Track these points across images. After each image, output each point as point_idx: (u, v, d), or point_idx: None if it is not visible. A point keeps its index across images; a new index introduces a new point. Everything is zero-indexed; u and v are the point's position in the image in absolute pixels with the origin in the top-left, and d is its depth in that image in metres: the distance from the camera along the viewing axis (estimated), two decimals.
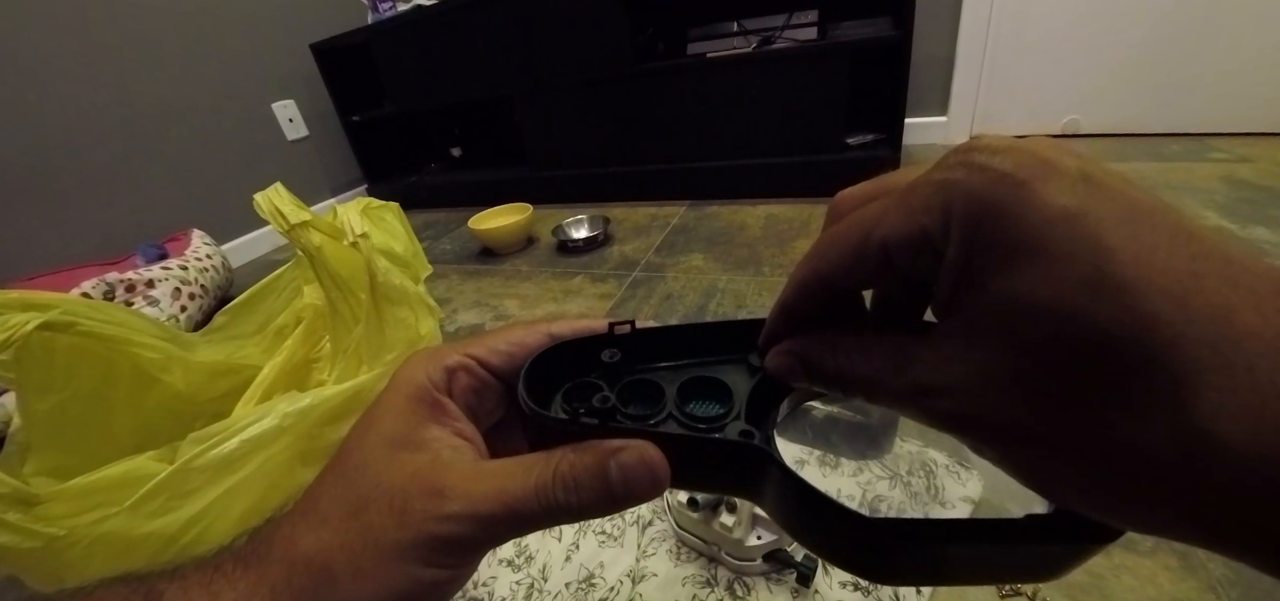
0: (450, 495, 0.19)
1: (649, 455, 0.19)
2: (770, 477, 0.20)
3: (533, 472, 0.20)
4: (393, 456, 0.21)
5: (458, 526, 0.19)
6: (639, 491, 0.20)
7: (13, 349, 0.46)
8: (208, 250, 1.55)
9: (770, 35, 1.56)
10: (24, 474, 0.52)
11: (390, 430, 0.21)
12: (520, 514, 0.19)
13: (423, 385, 0.22)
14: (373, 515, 0.19)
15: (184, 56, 1.85)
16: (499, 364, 0.24)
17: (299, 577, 0.19)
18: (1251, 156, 1.39)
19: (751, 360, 0.24)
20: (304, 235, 0.49)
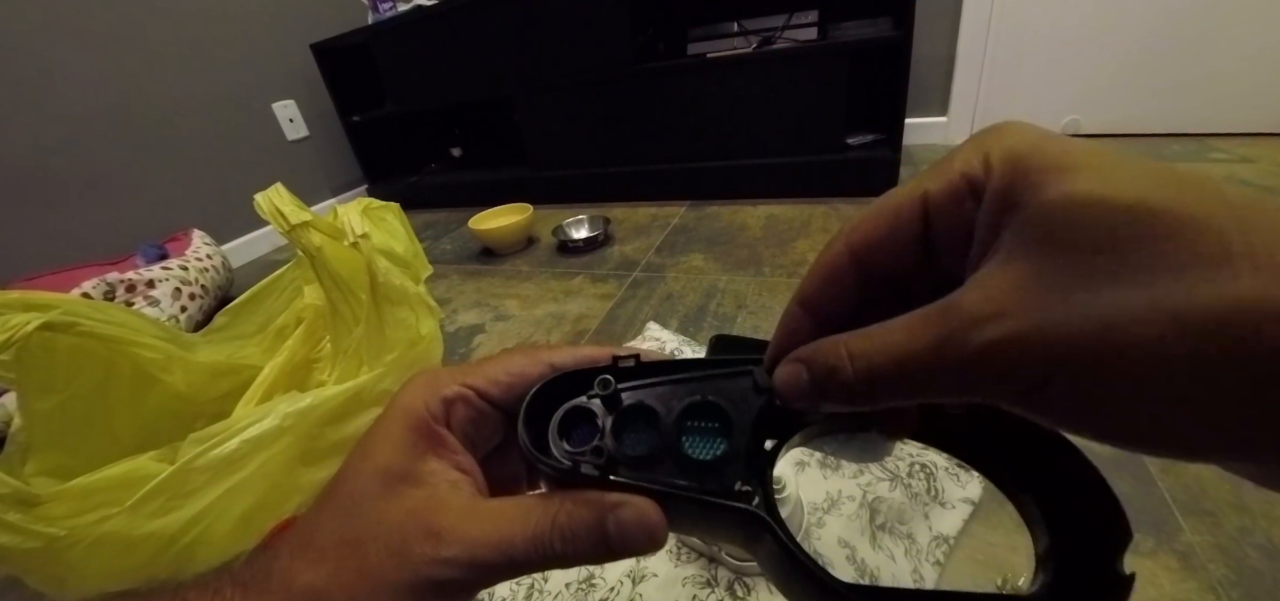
0: (448, 538, 0.19)
1: (648, 515, 0.19)
2: (764, 539, 0.20)
3: (531, 520, 0.20)
4: (390, 491, 0.21)
5: (454, 571, 0.19)
6: (635, 548, 0.20)
7: (14, 349, 0.46)
8: (208, 250, 1.55)
9: (770, 35, 1.56)
10: (25, 474, 0.52)
11: (387, 461, 0.21)
12: (516, 560, 0.19)
13: (421, 415, 0.22)
14: (370, 553, 0.19)
15: (184, 57, 1.85)
16: (498, 395, 0.23)
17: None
18: (1253, 157, 1.39)
19: (756, 376, 0.22)
20: (304, 235, 0.49)
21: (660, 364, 0.24)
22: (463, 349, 1.11)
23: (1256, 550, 0.53)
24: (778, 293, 1.10)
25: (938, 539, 0.56)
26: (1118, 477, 0.61)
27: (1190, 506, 0.57)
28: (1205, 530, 0.55)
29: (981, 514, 0.59)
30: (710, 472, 0.21)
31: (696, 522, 0.22)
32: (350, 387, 0.52)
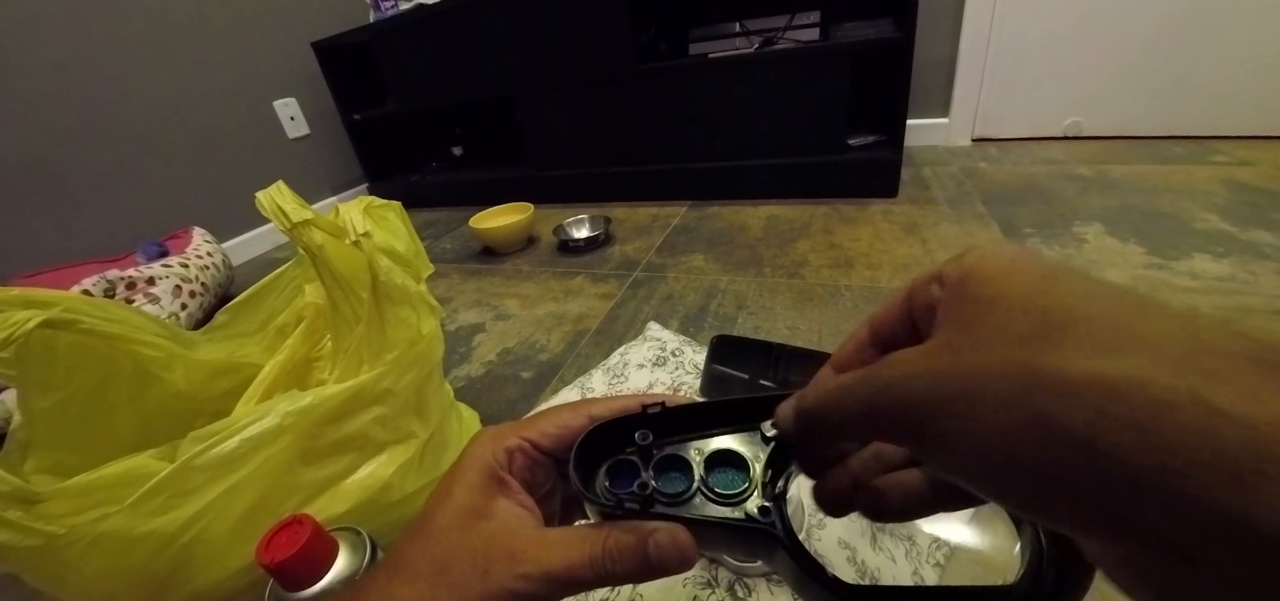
0: (524, 558, 0.24)
1: (680, 538, 0.24)
2: (780, 553, 0.25)
3: (588, 545, 0.24)
4: (470, 523, 0.25)
5: (530, 585, 0.23)
6: (671, 566, 0.24)
7: (14, 347, 0.46)
8: (208, 248, 1.55)
9: (772, 36, 1.56)
10: (24, 472, 0.52)
11: (465, 501, 0.26)
12: (578, 577, 0.24)
13: (490, 464, 0.27)
14: (458, 572, 0.23)
15: (185, 54, 1.85)
16: (549, 445, 0.28)
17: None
18: (1253, 160, 1.39)
19: (764, 429, 0.27)
20: (306, 234, 0.49)
21: (686, 409, 0.29)
22: (463, 348, 1.11)
23: None
24: (778, 293, 1.10)
25: (937, 541, 0.56)
26: None
27: None
28: None
29: (981, 516, 0.59)
30: (733, 502, 0.26)
31: (723, 543, 0.28)
32: (351, 386, 0.52)
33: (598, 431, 0.28)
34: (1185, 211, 1.17)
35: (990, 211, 1.31)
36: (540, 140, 1.96)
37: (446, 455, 0.66)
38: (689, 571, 0.26)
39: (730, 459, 0.28)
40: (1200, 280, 0.93)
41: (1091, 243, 1.10)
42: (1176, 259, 1.00)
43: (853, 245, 1.25)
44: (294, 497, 0.51)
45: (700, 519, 0.25)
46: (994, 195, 1.40)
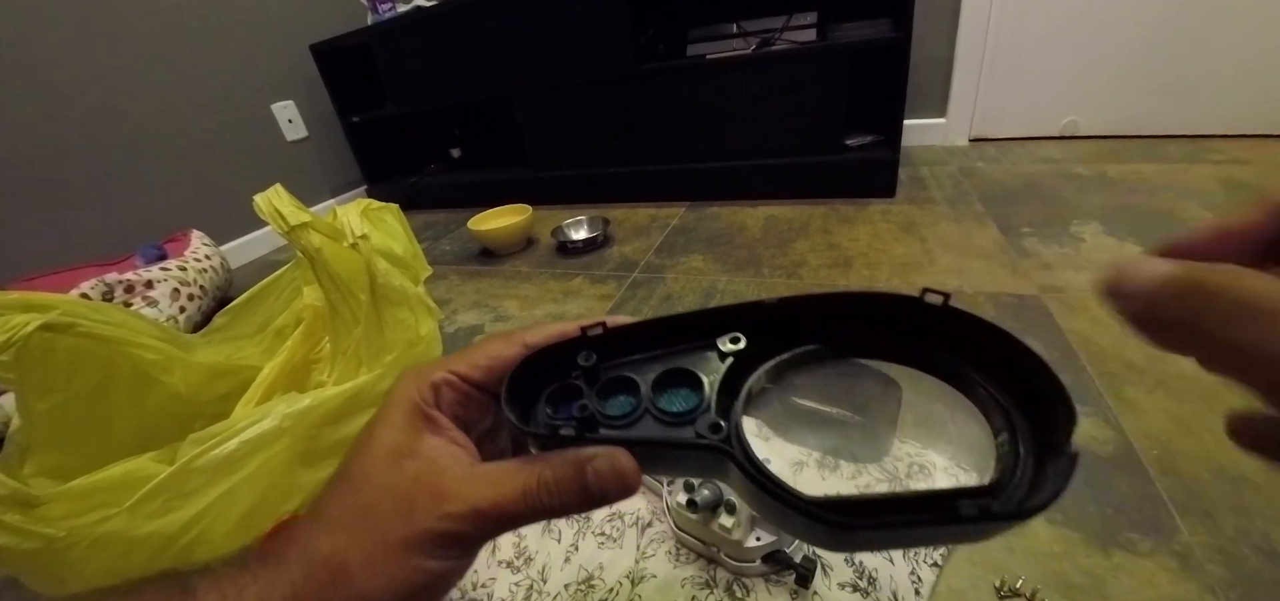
0: (450, 496, 0.22)
1: (620, 462, 0.22)
2: (732, 468, 0.22)
3: (520, 478, 0.22)
4: (395, 465, 0.23)
5: (458, 524, 0.22)
6: (611, 491, 0.22)
7: (13, 350, 0.46)
8: (207, 251, 1.55)
9: (770, 36, 1.56)
10: (24, 475, 0.52)
11: (390, 442, 0.24)
12: (511, 513, 0.22)
13: (415, 401, 0.25)
14: (381, 517, 0.22)
15: (183, 57, 1.85)
16: (480, 377, 0.26)
17: (317, 574, 0.21)
18: (1249, 159, 1.39)
19: (720, 346, 0.26)
20: (304, 236, 0.49)
21: (632, 328, 0.27)
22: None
23: (1254, 551, 0.53)
24: (777, 293, 1.09)
25: None
26: (1115, 478, 0.61)
27: (1188, 506, 0.58)
28: (1203, 531, 0.55)
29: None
30: (683, 423, 0.24)
31: (671, 464, 0.25)
32: (349, 388, 0.52)
33: (535, 358, 0.26)
34: (1182, 210, 1.17)
35: (988, 211, 1.31)
36: (539, 142, 1.96)
37: None
38: (634, 493, 0.23)
39: (682, 378, 0.25)
40: None
41: (1089, 242, 1.11)
42: None
43: (851, 245, 1.25)
44: (293, 499, 0.51)
45: (644, 439, 0.24)
46: (992, 194, 1.41)
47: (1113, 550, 0.55)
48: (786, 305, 0.27)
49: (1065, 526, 0.57)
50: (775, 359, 0.27)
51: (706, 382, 0.25)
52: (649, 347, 0.27)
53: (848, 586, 0.50)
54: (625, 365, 0.26)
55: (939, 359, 0.25)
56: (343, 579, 0.21)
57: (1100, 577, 0.53)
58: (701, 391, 0.25)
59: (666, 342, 0.27)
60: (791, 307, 0.27)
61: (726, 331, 0.26)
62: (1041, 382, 0.22)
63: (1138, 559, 0.54)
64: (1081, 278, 0.98)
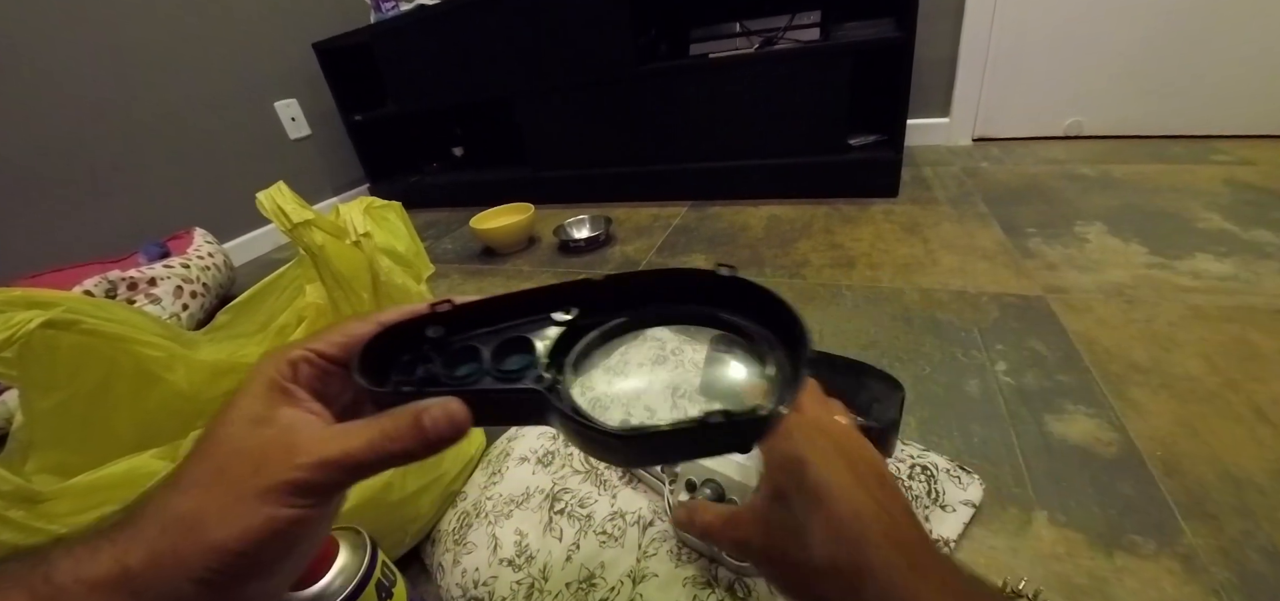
0: (301, 451, 0.23)
1: (450, 408, 0.25)
2: (552, 411, 0.26)
3: (367, 431, 0.24)
4: (250, 430, 0.24)
5: (309, 473, 0.23)
6: (444, 434, 0.25)
7: (16, 347, 0.46)
8: (210, 248, 1.55)
9: (773, 36, 1.56)
10: (26, 472, 0.52)
11: (247, 411, 0.25)
12: (359, 460, 0.24)
13: (272, 376, 0.26)
14: (235, 472, 0.23)
15: (186, 55, 1.85)
16: (336, 353, 0.28)
17: (172, 530, 0.22)
18: (1254, 159, 1.38)
19: (554, 316, 0.30)
20: (307, 234, 0.49)
21: (478, 305, 0.30)
22: None
23: (1259, 553, 0.53)
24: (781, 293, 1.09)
25: (939, 541, 0.56)
26: (1119, 480, 0.61)
27: (1192, 509, 0.57)
28: (1207, 533, 0.55)
29: (982, 517, 0.59)
30: (516, 379, 0.28)
31: (500, 411, 0.28)
32: None
33: (389, 334, 0.29)
34: (1187, 211, 1.17)
35: (992, 211, 1.31)
36: (541, 141, 1.96)
37: (447, 454, 0.66)
38: (464, 436, 0.26)
39: (519, 345, 0.29)
40: (1202, 280, 0.93)
41: (1093, 242, 1.10)
42: (1178, 258, 1.00)
43: (854, 245, 1.25)
44: None
45: (473, 390, 0.27)
46: (995, 195, 1.40)
47: (1116, 552, 0.55)
48: (613, 282, 0.31)
49: (1069, 528, 0.57)
50: (600, 328, 0.31)
51: (539, 347, 0.29)
52: (494, 322, 0.31)
53: None
54: (473, 338, 0.30)
55: (728, 319, 0.31)
56: (197, 530, 0.22)
57: (1104, 579, 0.52)
58: (534, 354, 0.29)
59: (510, 317, 0.31)
60: (616, 284, 0.31)
61: (562, 306, 0.30)
62: (791, 323, 0.27)
63: (1141, 561, 0.53)
64: (1086, 279, 0.98)
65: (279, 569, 0.25)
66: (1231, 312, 0.84)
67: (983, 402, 0.75)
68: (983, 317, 0.92)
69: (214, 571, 0.22)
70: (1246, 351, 0.77)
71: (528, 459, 0.67)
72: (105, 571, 0.21)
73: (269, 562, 0.23)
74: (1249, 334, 0.80)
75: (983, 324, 0.90)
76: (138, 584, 0.21)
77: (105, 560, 0.22)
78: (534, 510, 0.61)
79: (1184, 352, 0.78)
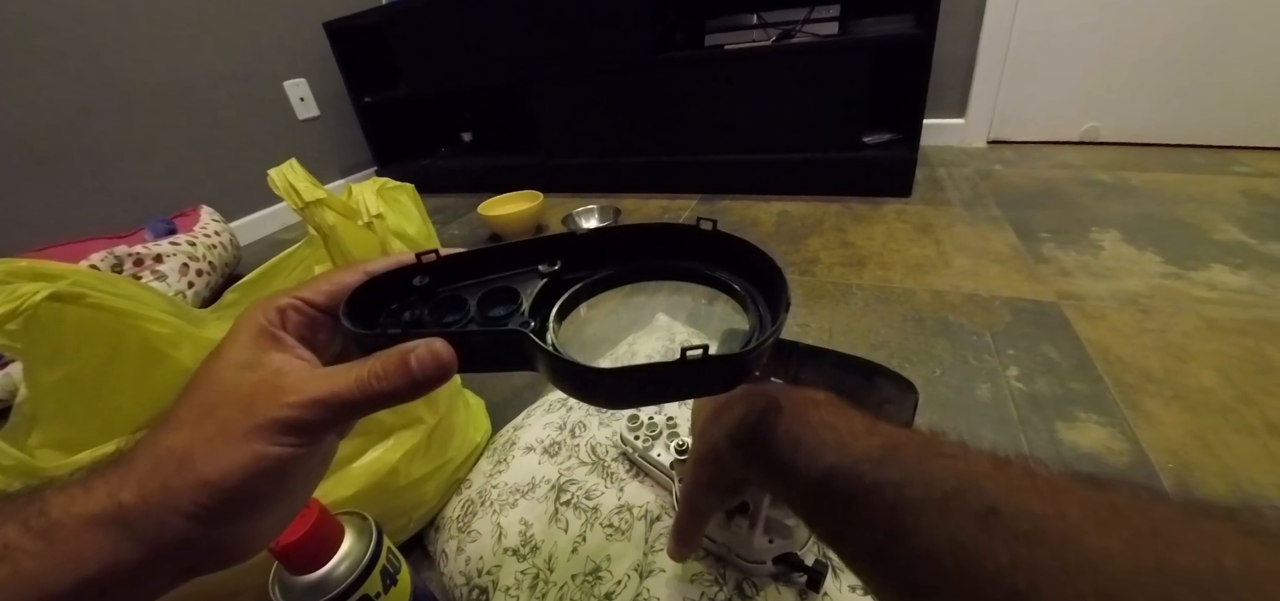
0: (289, 391, 0.24)
1: (435, 347, 0.25)
2: (537, 353, 0.27)
3: (354, 371, 0.25)
4: (239, 373, 0.25)
5: (297, 411, 0.23)
6: (431, 374, 0.25)
7: (21, 318, 0.46)
8: (216, 227, 1.55)
9: (790, 29, 1.55)
10: (29, 446, 0.51)
11: (235, 357, 0.25)
12: (347, 399, 0.24)
13: (261, 323, 0.27)
14: (223, 412, 0.24)
15: (196, 32, 1.84)
16: (324, 301, 0.28)
17: (162, 466, 0.23)
18: (1275, 172, 1.37)
19: (540, 268, 0.31)
20: (318, 213, 0.49)
21: (464, 256, 0.31)
22: None
23: None
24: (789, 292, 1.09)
25: None
26: None
27: None
28: None
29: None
30: (502, 322, 0.29)
31: (486, 355, 0.29)
32: None
33: (376, 282, 0.29)
34: (1205, 221, 1.15)
35: (1005, 214, 1.29)
36: (552, 128, 1.95)
37: (452, 441, 0.66)
38: (450, 377, 0.27)
39: (505, 295, 0.30)
40: (1218, 291, 0.92)
41: (1108, 249, 1.09)
42: (1194, 269, 0.98)
43: (865, 244, 1.24)
44: None
45: (458, 331, 0.28)
46: (1009, 198, 1.39)
47: None
48: (595, 236, 0.32)
49: None
50: (585, 280, 0.32)
51: (523, 295, 0.30)
52: (480, 274, 0.31)
53: (858, 588, 0.49)
54: (459, 288, 0.31)
55: (710, 272, 0.32)
56: (186, 465, 0.22)
57: None
58: (519, 303, 0.29)
59: (496, 269, 0.31)
60: (600, 238, 0.32)
61: (546, 259, 0.31)
62: (770, 272, 0.29)
63: None
64: (1100, 286, 0.97)
65: (269, 508, 0.25)
66: (1247, 326, 0.83)
67: (994, 407, 0.74)
68: (995, 321, 0.91)
69: (202, 506, 0.22)
70: (1261, 365, 0.76)
71: (534, 448, 0.66)
72: (99, 506, 0.22)
73: (257, 500, 0.24)
74: (1264, 348, 0.78)
75: (995, 328, 0.89)
76: (130, 517, 0.22)
77: (99, 495, 0.22)
78: (540, 500, 0.60)
79: (1198, 364, 0.77)
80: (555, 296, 0.31)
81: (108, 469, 0.23)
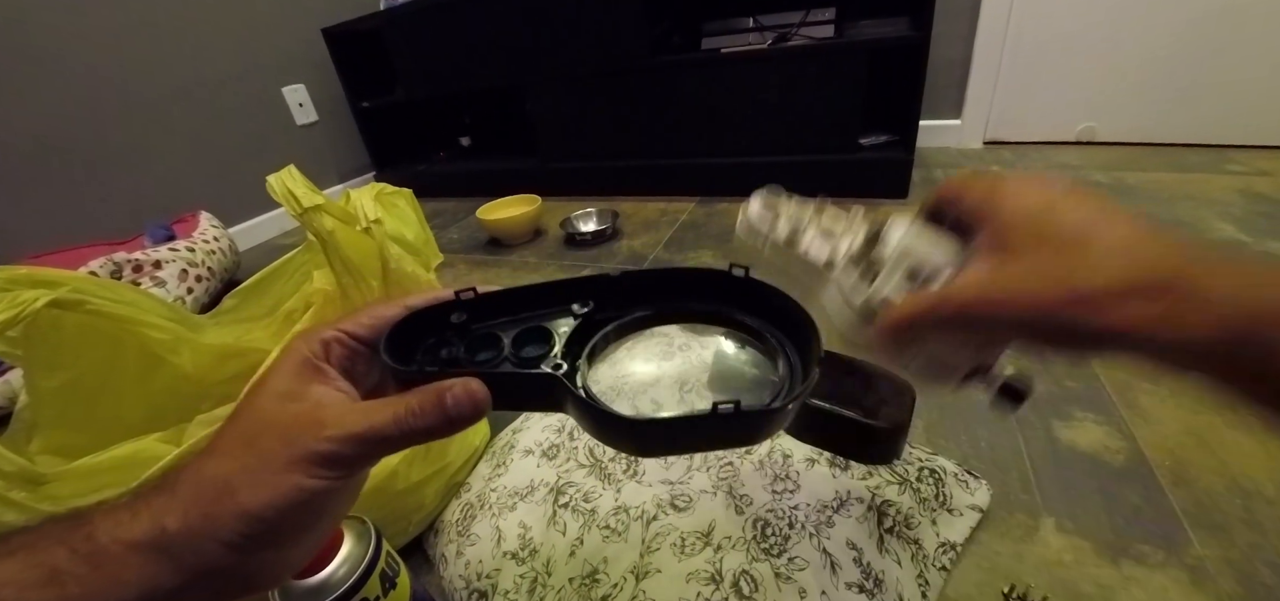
0: (329, 424, 0.24)
1: (471, 387, 0.26)
2: (568, 397, 0.27)
3: (392, 407, 0.25)
4: (282, 404, 0.25)
5: (336, 445, 0.24)
6: (466, 413, 0.26)
7: (21, 325, 0.46)
8: (215, 232, 1.55)
9: (786, 32, 1.55)
10: (30, 452, 0.52)
11: (279, 387, 0.26)
12: (384, 435, 0.25)
13: (305, 355, 0.27)
14: (265, 443, 0.24)
15: (195, 38, 1.84)
16: (365, 334, 0.29)
17: (205, 494, 0.23)
18: (1270, 170, 1.37)
19: (573, 308, 0.31)
20: (316, 219, 0.49)
21: (501, 294, 0.32)
22: None
23: (1267, 566, 0.52)
24: None
25: (945, 545, 0.56)
26: (1126, 489, 0.61)
27: (1200, 520, 0.57)
28: (1216, 544, 0.55)
29: (989, 521, 0.59)
30: (533, 365, 0.29)
31: (518, 395, 0.29)
32: None
33: (415, 317, 0.30)
34: (1201, 220, 1.16)
35: None
36: (550, 132, 1.95)
37: (451, 445, 0.66)
38: (484, 416, 0.27)
39: (538, 335, 0.31)
40: None
41: None
42: None
43: None
44: None
45: (492, 372, 0.28)
46: None
47: (1124, 561, 0.54)
48: (628, 278, 0.33)
49: (1077, 536, 0.57)
50: (616, 322, 0.33)
51: (556, 335, 0.30)
52: (515, 312, 0.32)
53: (855, 586, 0.50)
54: (494, 326, 0.31)
55: (741, 318, 0.33)
56: (227, 496, 0.23)
57: (1111, 588, 0.52)
58: (552, 343, 0.30)
59: (530, 307, 0.32)
60: (633, 279, 0.33)
61: (579, 299, 0.32)
62: (802, 322, 0.29)
63: (1149, 571, 0.53)
64: None
65: (301, 538, 0.26)
66: None
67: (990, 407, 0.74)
68: None
69: (241, 535, 0.23)
70: None
71: (532, 451, 0.67)
72: (143, 532, 0.22)
73: (292, 530, 0.25)
74: None
75: None
76: (171, 543, 0.22)
77: (144, 521, 0.23)
78: (538, 503, 0.60)
79: None
80: (587, 337, 0.31)
81: (152, 494, 0.24)
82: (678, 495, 0.57)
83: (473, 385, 0.26)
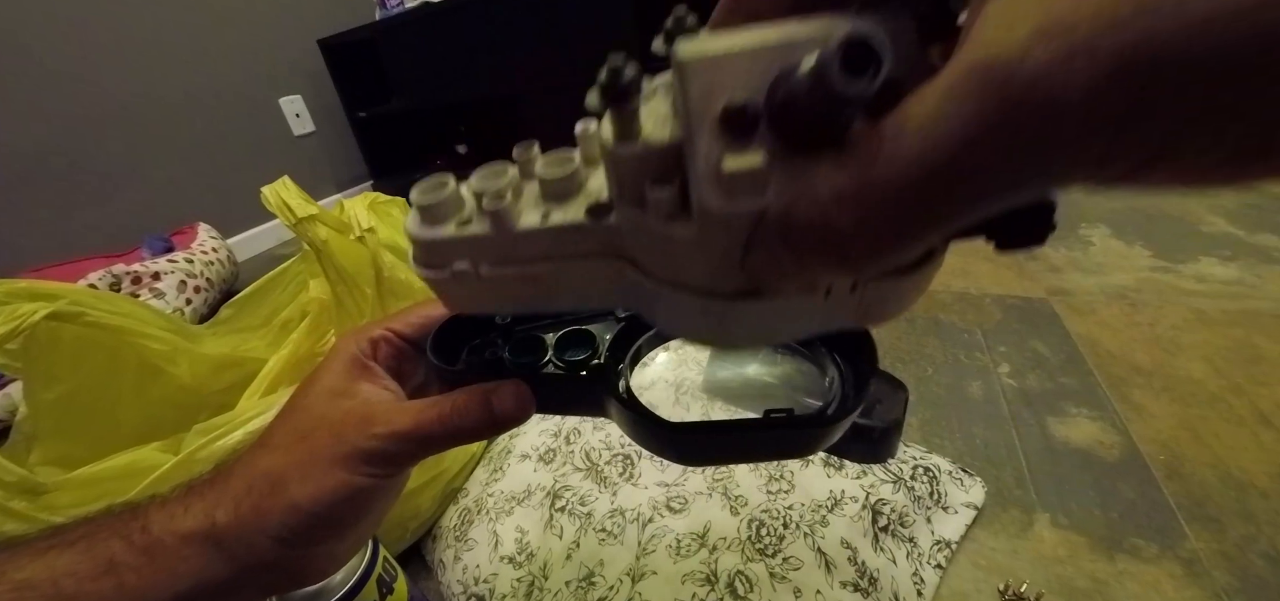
0: (377, 422, 0.25)
1: (519, 390, 0.26)
2: (611, 400, 0.27)
3: (438, 406, 0.25)
4: (332, 402, 0.26)
5: (382, 443, 0.24)
6: (511, 414, 0.26)
7: (21, 338, 0.46)
8: (213, 243, 1.55)
9: None
10: (30, 463, 0.52)
11: (328, 385, 0.27)
12: (430, 434, 0.25)
13: (354, 353, 0.28)
14: (315, 439, 0.25)
15: (191, 51, 1.85)
16: (412, 334, 0.30)
17: (257, 485, 0.24)
18: None
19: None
20: (310, 229, 0.49)
21: None
22: None
23: (1262, 558, 0.53)
24: None
25: (940, 543, 0.56)
26: (1121, 483, 0.61)
27: (1194, 513, 0.57)
28: (1210, 537, 0.55)
29: (984, 519, 0.59)
30: (576, 369, 0.29)
31: (561, 398, 0.30)
32: None
33: (461, 319, 0.30)
34: (1192, 214, 1.16)
35: None
36: (545, 138, 1.94)
37: (448, 451, 0.66)
38: (529, 417, 0.28)
39: (582, 338, 0.31)
40: (1207, 283, 0.93)
41: (1097, 244, 1.10)
42: (1183, 261, 0.99)
43: None
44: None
45: (537, 375, 0.28)
46: None
47: (1118, 555, 0.54)
48: None
49: (1071, 530, 0.57)
50: (656, 328, 0.32)
51: (600, 339, 0.30)
52: (558, 314, 0.32)
53: (850, 585, 0.50)
54: (538, 328, 0.31)
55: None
56: (279, 488, 0.24)
57: (1105, 583, 0.52)
58: (595, 346, 0.30)
59: (574, 311, 0.32)
60: None
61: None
62: (855, 331, 0.28)
63: (1143, 564, 0.53)
64: (1089, 281, 0.98)
65: (346, 534, 0.26)
66: (1235, 317, 0.84)
67: (985, 404, 0.75)
68: (985, 319, 0.92)
69: (290, 528, 0.24)
70: (1250, 355, 0.76)
71: (529, 456, 0.67)
72: (195, 524, 0.23)
73: (338, 525, 0.25)
74: (1253, 338, 0.79)
75: (985, 325, 0.90)
76: (222, 535, 0.23)
77: (196, 513, 0.24)
78: (535, 507, 0.61)
79: (1187, 356, 0.78)
80: (630, 341, 0.31)
81: (205, 487, 0.25)
82: (673, 497, 0.57)
83: (520, 388, 0.26)
